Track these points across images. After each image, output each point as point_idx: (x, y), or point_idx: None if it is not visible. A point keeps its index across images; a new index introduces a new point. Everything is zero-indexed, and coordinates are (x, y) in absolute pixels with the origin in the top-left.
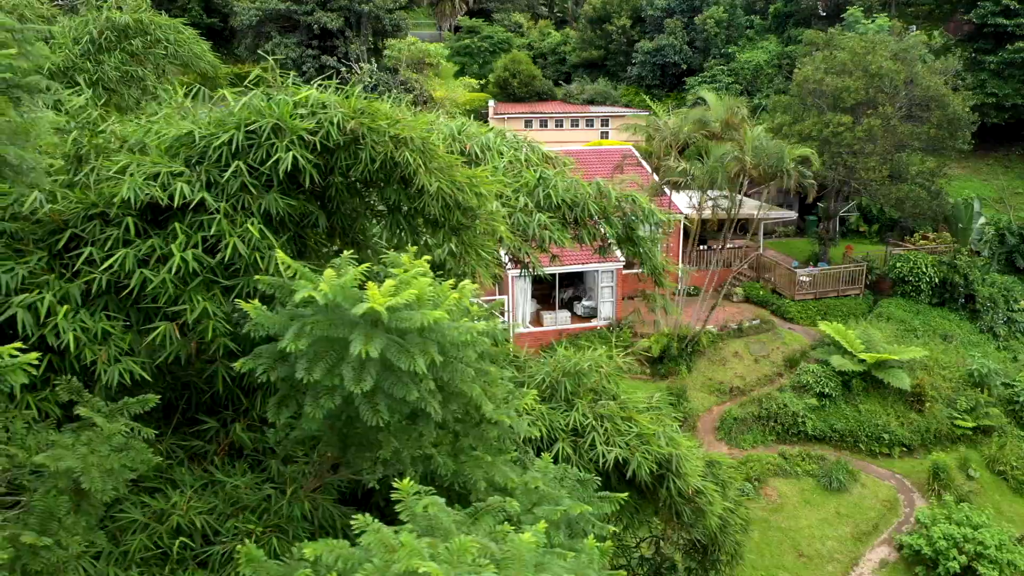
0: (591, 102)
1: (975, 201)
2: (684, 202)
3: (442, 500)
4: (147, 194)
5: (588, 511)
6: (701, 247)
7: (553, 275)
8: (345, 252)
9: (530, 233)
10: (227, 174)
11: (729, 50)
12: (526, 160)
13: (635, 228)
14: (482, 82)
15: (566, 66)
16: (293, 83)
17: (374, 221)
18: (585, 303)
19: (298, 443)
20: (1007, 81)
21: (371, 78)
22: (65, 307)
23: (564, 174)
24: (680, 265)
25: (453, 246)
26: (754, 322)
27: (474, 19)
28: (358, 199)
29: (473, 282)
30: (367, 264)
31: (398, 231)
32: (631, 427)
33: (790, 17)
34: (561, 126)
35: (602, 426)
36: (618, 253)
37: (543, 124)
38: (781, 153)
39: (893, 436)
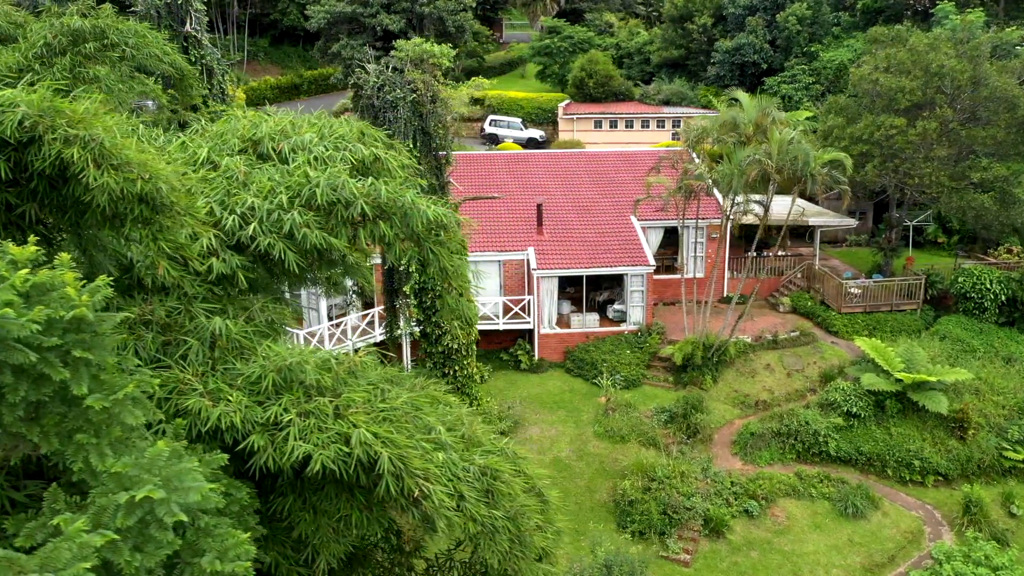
0: (667, 103)
1: None
2: (728, 206)
3: None
4: None
5: (162, 497)
6: (752, 253)
7: (584, 277)
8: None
9: (284, 230)
10: None
11: (812, 48)
12: (342, 160)
13: (413, 227)
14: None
15: (650, 66)
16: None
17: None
18: (617, 307)
19: None
20: None
21: (378, 78)
22: None
23: (336, 174)
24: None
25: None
26: (792, 334)
27: (558, 19)
28: (67, 192)
29: (152, 274)
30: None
31: (101, 223)
32: (339, 425)
33: (880, 13)
34: (632, 127)
35: (304, 422)
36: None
37: (613, 125)
38: (807, 157)
39: (927, 463)
